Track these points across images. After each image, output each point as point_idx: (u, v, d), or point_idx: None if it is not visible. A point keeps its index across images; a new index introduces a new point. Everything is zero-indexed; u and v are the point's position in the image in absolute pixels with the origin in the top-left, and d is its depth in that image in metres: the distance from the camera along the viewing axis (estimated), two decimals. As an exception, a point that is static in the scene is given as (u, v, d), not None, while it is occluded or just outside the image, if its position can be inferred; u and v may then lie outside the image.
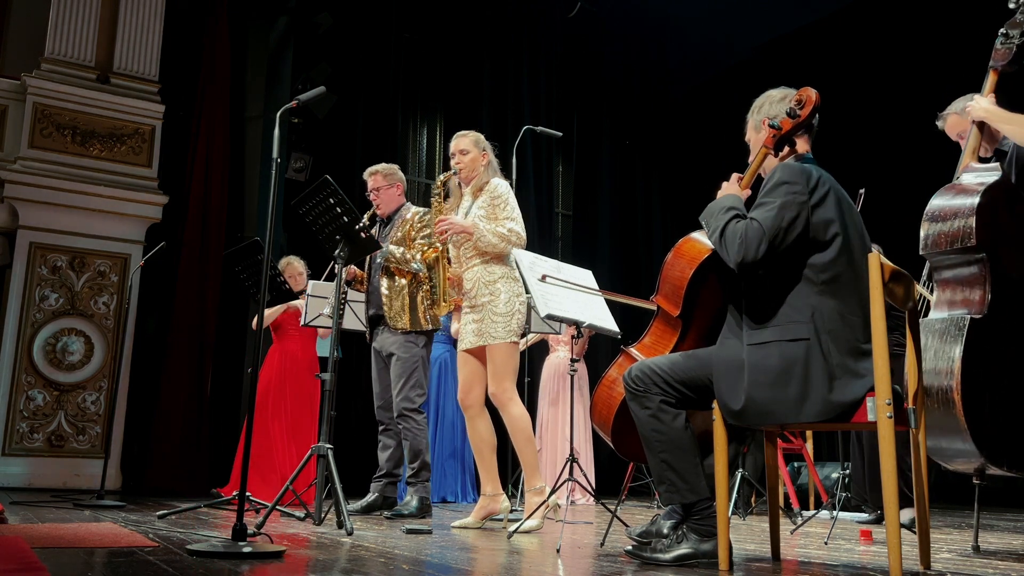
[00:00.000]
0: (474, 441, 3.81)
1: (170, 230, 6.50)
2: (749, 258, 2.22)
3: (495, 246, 3.67)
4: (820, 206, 2.23)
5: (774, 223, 2.21)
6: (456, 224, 3.72)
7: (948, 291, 2.66)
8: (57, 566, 2.04)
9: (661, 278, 2.54)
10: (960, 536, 3.67)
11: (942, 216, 2.66)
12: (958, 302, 2.62)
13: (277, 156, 2.71)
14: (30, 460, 5.95)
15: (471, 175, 3.87)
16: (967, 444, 2.40)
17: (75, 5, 6.54)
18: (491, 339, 3.62)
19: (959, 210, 2.62)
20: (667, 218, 9.26)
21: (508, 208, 3.74)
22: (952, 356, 2.47)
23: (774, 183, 2.27)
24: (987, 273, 2.58)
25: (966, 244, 2.58)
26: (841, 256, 2.21)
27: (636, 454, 2.54)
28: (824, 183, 2.27)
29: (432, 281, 3.99)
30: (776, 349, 2.19)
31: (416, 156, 8.48)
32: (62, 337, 6.17)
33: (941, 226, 2.65)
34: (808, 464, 5.60)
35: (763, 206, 2.26)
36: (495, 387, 3.63)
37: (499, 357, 3.62)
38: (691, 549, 2.30)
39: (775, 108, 2.45)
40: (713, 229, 2.34)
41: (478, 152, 3.87)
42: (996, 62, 2.92)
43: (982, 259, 2.59)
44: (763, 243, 2.19)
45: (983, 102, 2.90)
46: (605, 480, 7.12)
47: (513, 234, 3.69)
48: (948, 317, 2.59)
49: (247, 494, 2.88)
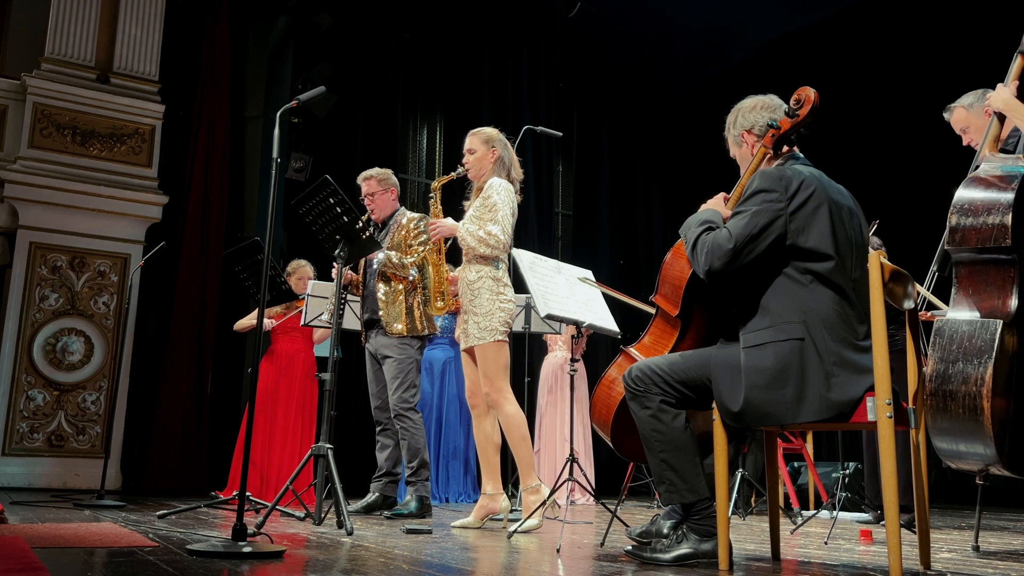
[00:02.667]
0: (479, 439, 3.81)
1: (170, 230, 6.50)
2: (716, 267, 2.24)
3: (473, 248, 3.66)
4: (802, 210, 2.22)
5: (744, 231, 2.22)
6: (443, 227, 3.76)
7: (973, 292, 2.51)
8: (57, 566, 2.04)
9: (660, 278, 2.54)
10: (960, 536, 3.67)
11: (973, 210, 2.48)
12: (985, 305, 2.47)
13: (277, 156, 2.71)
14: (30, 460, 5.95)
15: (479, 174, 3.85)
16: (988, 450, 2.32)
17: (75, 5, 6.54)
18: (475, 340, 3.63)
19: (993, 205, 2.44)
20: (667, 218, 9.25)
21: (494, 211, 3.69)
22: (983, 363, 2.34)
23: (751, 191, 2.28)
24: (1016, 275, 2.43)
25: (1000, 243, 2.41)
26: (830, 255, 2.21)
27: (635, 454, 2.54)
28: (808, 185, 2.25)
29: (424, 281, 3.99)
30: (771, 350, 2.19)
31: (416, 156, 8.48)
32: (62, 337, 6.17)
33: (973, 220, 2.47)
34: (808, 464, 5.60)
35: (737, 215, 2.28)
36: (486, 387, 3.63)
37: (484, 357, 3.62)
38: (691, 549, 2.30)
39: (750, 118, 2.47)
40: (687, 242, 2.37)
41: (486, 150, 3.84)
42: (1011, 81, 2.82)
43: (1013, 260, 2.44)
44: (729, 251, 2.22)
45: (1004, 93, 2.82)
46: (605, 480, 7.12)
47: (492, 237, 3.63)
48: (977, 321, 2.43)
49: (247, 494, 2.88)
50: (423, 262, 3.99)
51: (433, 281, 3.97)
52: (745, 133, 2.48)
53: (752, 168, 2.44)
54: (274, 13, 7.44)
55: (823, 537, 3.41)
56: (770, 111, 2.45)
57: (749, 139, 2.48)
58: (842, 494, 4.38)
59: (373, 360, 4.47)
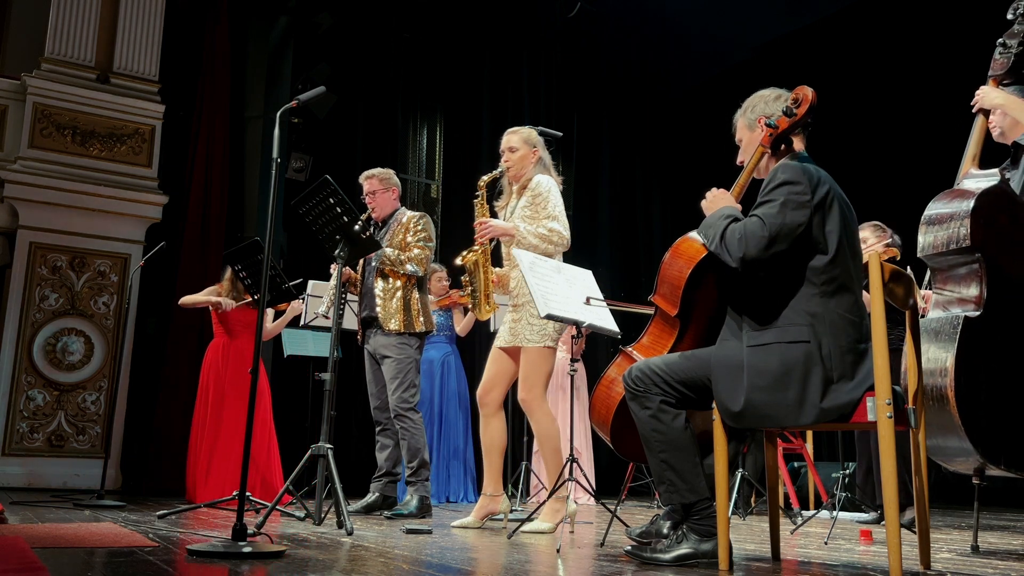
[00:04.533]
0: (485, 440, 3.73)
1: (170, 230, 6.50)
2: (751, 254, 2.20)
3: (535, 247, 3.55)
4: (821, 207, 2.23)
5: (776, 219, 2.20)
6: (497, 227, 3.64)
7: (945, 291, 2.68)
8: (57, 566, 2.04)
9: (659, 278, 2.54)
10: (960, 536, 3.67)
11: (939, 220, 2.68)
12: (954, 301, 2.64)
13: (277, 156, 2.71)
14: (30, 460, 5.95)
15: (519, 173, 3.78)
16: (963, 442, 2.41)
17: (75, 5, 6.54)
18: (525, 341, 3.56)
19: (955, 214, 2.64)
20: (667, 218, 9.25)
21: (550, 206, 3.63)
22: (946, 354, 2.48)
23: (777, 182, 2.26)
24: (983, 273, 2.59)
25: (961, 245, 2.60)
26: (840, 257, 2.21)
27: (635, 454, 2.54)
28: (824, 183, 2.26)
29: (472, 285, 3.78)
30: (777, 351, 2.19)
31: (416, 156, 8.48)
32: (62, 337, 6.17)
33: (938, 230, 2.67)
34: (808, 464, 5.60)
35: (765, 204, 2.25)
36: (525, 392, 3.55)
37: (530, 361, 3.55)
38: (691, 549, 2.30)
39: (771, 107, 2.44)
40: (712, 236, 2.32)
41: (528, 149, 3.78)
42: (995, 71, 2.95)
43: (978, 259, 2.60)
44: (765, 238, 2.19)
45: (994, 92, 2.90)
46: (605, 480, 7.12)
47: (554, 233, 3.59)
48: (944, 316, 2.60)
49: (247, 494, 2.88)
50: (472, 266, 3.73)
51: (481, 284, 3.76)
52: (763, 119, 2.45)
53: (751, 166, 2.44)
54: (274, 13, 7.44)
55: (823, 537, 3.41)
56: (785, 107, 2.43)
57: (764, 128, 2.45)
58: (842, 494, 4.38)
59: (372, 360, 4.47)
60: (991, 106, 2.90)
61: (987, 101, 2.90)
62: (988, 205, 2.63)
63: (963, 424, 2.39)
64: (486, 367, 3.76)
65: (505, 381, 3.71)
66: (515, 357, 3.67)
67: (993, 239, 2.61)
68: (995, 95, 2.89)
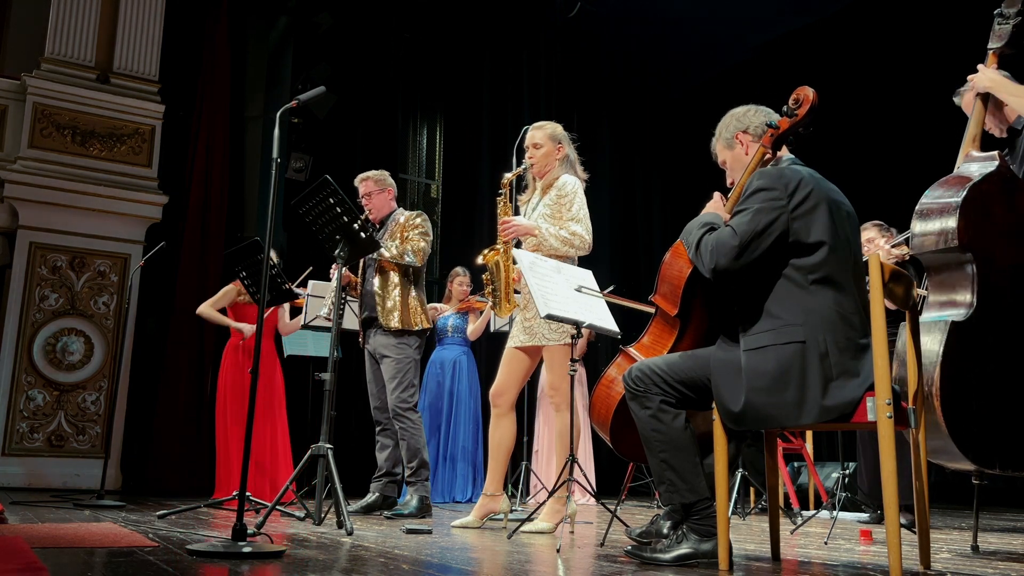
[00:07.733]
0: (493, 439, 3.70)
1: (170, 230, 6.50)
2: (722, 264, 2.24)
3: (557, 250, 3.52)
4: (801, 208, 2.23)
5: (747, 228, 2.22)
6: (520, 226, 3.60)
7: (937, 292, 2.60)
8: (57, 566, 2.04)
9: (659, 278, 2.54)
10: (960, 536, 3.67)
11: (928, 213, 2.59)
12: (946, 303, 2.56)
13: (277, 156, 2.71)
14: (30, 460, 5.95)
15: (544, 170, 3.74)
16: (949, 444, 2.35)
17: (75, 5, 6.54)
18: (544, 340, 3.53)
19: (944, 207, 2.55)
20: (667, 218, 9.25)
21: (574, 208, 3.58)
22: (933, 359, 2.41)
23: (751, 190, 2.28)
24: (975, 273, 2.51)
25: (950, 244, 2.51)
26: (830, 256, 2.21)
27: (635, 454, 2.54)
28: (807, 184, 2.26)
29: (493, 284, 3.71)
30: (772, 353, 2.19)
31: (416, 156, 8.48)
32: (62, 337, 6.17)
33: (927, 224, 2.58)
34: (808, 464, 5.60)
35: (739, 213, 2.28)
36: (553, 390, 3.54)
37: (554, 359, 3.52)
38: (691, 549, 2.30)
39: (747, 119, 2.48)
40: (689, 245, 2.37)
41: (552, 146, 3.75)
42: (994, 44, 2.85)
43: (968, 259, 2.52)
44: (735, 247, 2.21)
45: (988, 72, 2.82)
46: (605, 480, 7.11)
47: (576, 237, 3.54)
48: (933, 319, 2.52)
49: (247, 494, 2.88)
50: (494, 265, 3.67)
51: (502, 283, 3.70)
52: (740, 134, 2.48)
53: (751, 168, 2.44)
54: (274, 13, 7.45)
55: (823, 537, 3.41)
56: (765, 114, 2.48)
57: (744, 139, 2.48)
58: (842, 494, 4.38)
59: (372, 360, 4.47)
60: (983, 90, 2.83)
61: (979, 85, 2.84)
62: (982, 195, 2.54)
63: (950, 433, 2.34)
64: (500, 367, 3.72)
65: (520, 381, 3.68)
66: (531, 355, 3.65)
67: (986, 231, 2.53)
68: (984, 79, 2.82)
